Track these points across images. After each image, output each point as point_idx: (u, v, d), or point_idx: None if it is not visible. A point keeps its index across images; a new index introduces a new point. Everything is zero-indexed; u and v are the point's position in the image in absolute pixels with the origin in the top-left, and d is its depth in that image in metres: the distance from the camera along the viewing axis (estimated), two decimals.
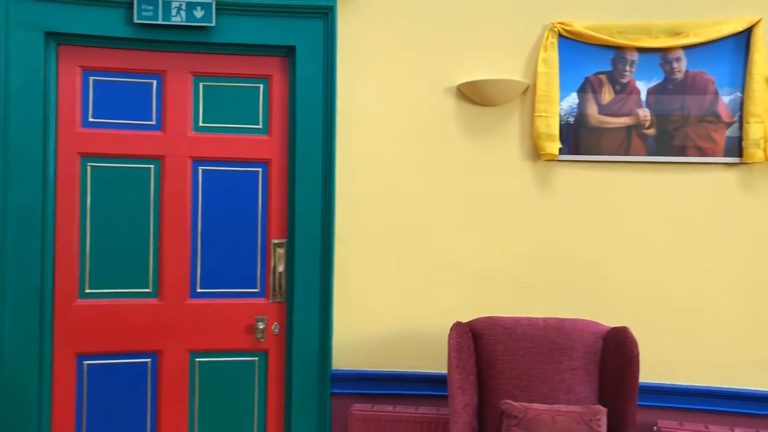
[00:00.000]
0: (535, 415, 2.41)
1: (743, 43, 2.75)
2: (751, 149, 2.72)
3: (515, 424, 2.42)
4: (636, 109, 2.85)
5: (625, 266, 2.88)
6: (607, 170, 2.89)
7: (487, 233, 2.96)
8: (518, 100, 2.93)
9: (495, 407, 2.55)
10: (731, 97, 2.77)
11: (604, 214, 2.90)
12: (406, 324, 2.98)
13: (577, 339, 2.59)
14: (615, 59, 2.86)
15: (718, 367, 2.81)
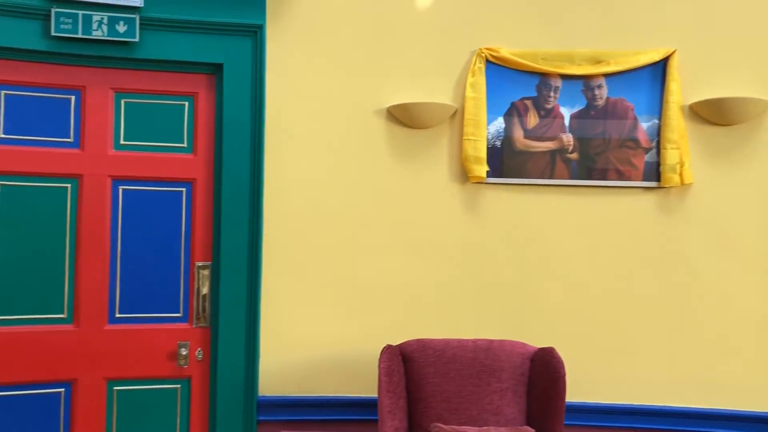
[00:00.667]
0: None
1: (660, 73, 2.87)
2: (668, 174, 2.83)
3: None
4: (560, 133, 2.93)
5: (552, 287, 2.93)
6: (533, 193, 2.95)
7: (417, 255, 2.96)
8: (447, 123, 2.96)
9: (425, 431, 2.53)
10: (649, 124, 2.89)
11: (530, 236, 2.95)
12: (336, 347, 2.93)
13: (506, 360, 2.61)
14: (540, 85, 2.94)
15: (641, 385, 2.88)
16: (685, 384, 2.86)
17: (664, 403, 2.87)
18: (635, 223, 2.90)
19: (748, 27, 2.83)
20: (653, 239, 2.89)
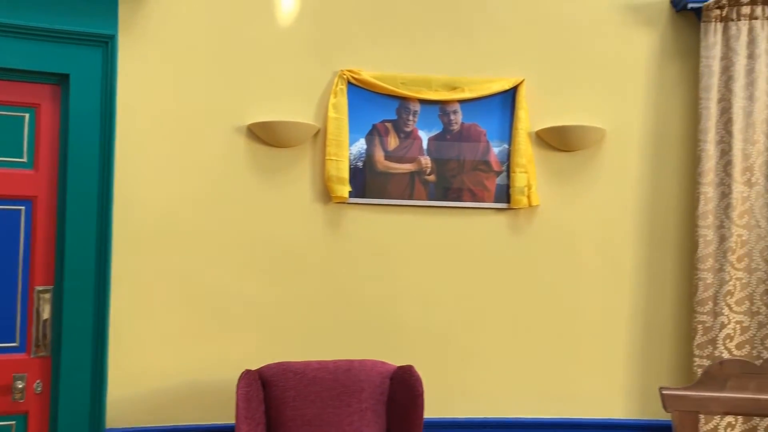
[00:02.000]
0: None
1: (510, 100, 3.03)
2: (517, 196, 2.98)
3: None
4: (419, 156, 3.01)
5: (411, 305, 2.99)
6: (394, 213, 3.00)
7: (279, 276, 2.92)
8: (310, 143, 2.96)
9: None
10: (500, 149, 3.04)
11: (390, 256, 2.99)
12: (192, 374, 2.82)
13: (366, 380, 2.62)
14: (399, 108, 3.01)
15: (496, 398, 2.99)
16: (537, 395, 3.00)
17: (518, 414, 2.99)
18: (488, 242, 3.03)
19: (589, 61, 3.06)
20: (505, 257, 3.03)
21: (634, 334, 3.02)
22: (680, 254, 3.02)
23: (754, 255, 2.89)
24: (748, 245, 2.89)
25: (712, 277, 2.88)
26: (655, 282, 3.03)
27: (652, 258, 3.03)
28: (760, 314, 2.87)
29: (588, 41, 3.07)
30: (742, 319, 2.87)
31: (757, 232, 2.90)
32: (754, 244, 2.89)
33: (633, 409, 3.01)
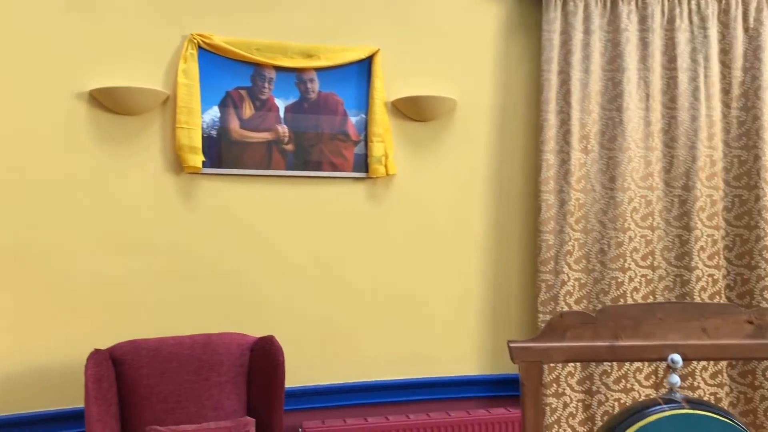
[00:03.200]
0: None
1: (366, 70, 3.05)
2: (375, 165, 3.03)
3: None
4: (275, 125, 2.96)
5: (270, 277, 2.96)
6: (251, 184, 2.95)
7: (129, 250, 2.78)
8: (159, 111, 2.82)
9: None
10: (358, 118, 3.06)
11: (248, 227, 2.94)
12: (36, 358, 2.64)
13: (225, 353, 2.57)
14: (254, 75, 2.94)
15: (357, 364, 3.05)
16: (396, 358, 3.09)
17: (378, 378, 3.07)
18: (347, 211, 3.06)
19: (440, 33, 3.14)
20: (363, 226, 3.08)
21: (484, 296, 3.19)
22: (525, 218, 3.21)
23: (590, 217, 3.13)
24: (584, 208, 3.13)
25: (553, 238, 3.09)
26: (503, 245, 3.20)
27: (500, 222, 3.20)
28: (595, 271, 3.13)
29: (440, 13, 3.15)
30: (580, 276, 3.11)
31: (592, 196, 3.14)
32: (590, 207, 3.14)
33: (485, 365, 3.18)
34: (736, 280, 3.18)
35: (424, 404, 3.09)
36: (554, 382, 3.05)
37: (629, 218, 3.11)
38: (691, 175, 3.13)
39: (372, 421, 2.94)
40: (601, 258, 3.12)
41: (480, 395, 3.15)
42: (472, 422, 2.99)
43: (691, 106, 3.15)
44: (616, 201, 3.10)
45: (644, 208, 3.14)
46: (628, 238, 3.10)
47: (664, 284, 3.15)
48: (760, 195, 3.11)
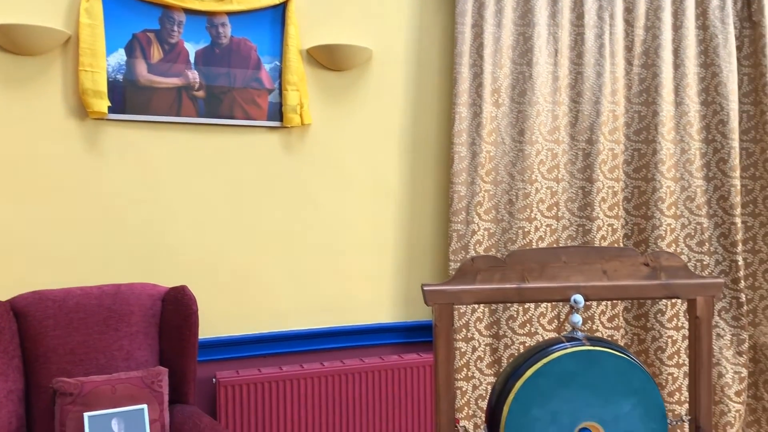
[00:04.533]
0: (92, 388, 2.26)
1: (280, 16, 2.99)
2: (290, 114, 2.99)
3: (71, 401, 2.23)
4: (185, 70, 2.87)
5: (181, 226, 2.90)
6: (160, 131, 2.85)
7: (30, 198, 2.64)
8: (60, 52, 2.67)
9: (47, 388, 2.31)
10: (272, 66, 3.00)
11: (158, 176, 2.85)
12: None
13: (135, 303, 2.51)
14: (163, 18, 2.82)
15: (272, 314, 3.05)
16: (312, 307, 3.12)
17: (294, 327, 3.09)
18: (262, 161, 3.02)
19: None
20: (278, 176, 3.05)
21: (399, 245, 3.25)
22: (438, 170, 3.28)
23: (499, 169, 3.23)
24: (495, 160, 3.22)
25: (465, 189, 3.17)
26: (417, 195, 3.26)
27: (414, 173, 3.25)
28: (503, 221, 3.24)
29: None
30: (490, 226, 3.22)
31: (502, 149, 3.23)
32: (500, 160, 3.23)
33: (399, 313, 3.26)
34: (633, 229, 3.38)
35: (339, 352, 3.15)
36: (464, 327, 3.16)
37: (536, 170, 3.23)
38: (595, 129, 3.27)
39: (287, 369, 2.96)
40: (510, 209, 3.24)
41: (393, 342, 3.23)
42: (386, 368, 3.07)
43: (596, 62, 3.28)
44: (525, 154, 3.21)
45: (550, 160, 3.26)
46: (534, 189, 3.23)
47: (568, 234, 3.31)
48: (657, 149, 3.29)
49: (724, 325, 3.36)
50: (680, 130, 3.34)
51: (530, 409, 2.10)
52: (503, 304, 3.16)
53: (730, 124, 3.30)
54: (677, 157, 3.34)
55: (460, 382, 3.14)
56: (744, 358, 3.33)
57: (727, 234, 3.33)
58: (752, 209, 3.37)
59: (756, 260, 3.36)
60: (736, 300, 3.34)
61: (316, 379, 2.97)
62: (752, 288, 3.37)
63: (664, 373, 3.29)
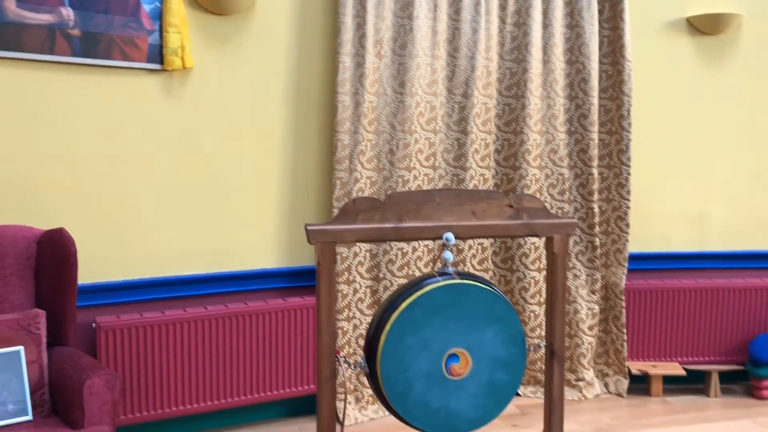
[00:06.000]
0: None
1: None
2: (171, 57, 2.94)
3: None
4: (59, 6, 2.74)
5: (56, 168, 2.81)
6: (31, 69, 2.73)
7: None
8: None
9: None
10: (152, 6, 2.93)
11: (28, 116, 2.74)
12: None
13: (9, 246, 2.44)
14: None
15: (153, 259, 3.04)
16: (196, 253, 3.13)
17: (178, 273, 3.09)
18: (141, 104, 2.96)
19: None
20: (159, 120, 3.01)
21: (282, 192, 3.31)
22: (322, 118, 3.35)
23: (381, 119, 3.35)
24: (377, 111, 3.33)
25: (348, 138, 3.27)
26: (300, 143, 3.32)
27: (298, 121, 3.31)
28: (384, 170, 3.38)
29: None
30: (372, 175, 3.35)
31: (384, 99, 3.35)
32: (382, 110, 3.35)
33: (282, 258, 3.34)
34: (502, 179, 3.62)
35: (223, 297, 3.19)
36: (345, 270, 3.30)
37: (416, 122, 3.38)
38: (470, 84, 3.46)
39: (169, 314, 2.98)
40: (390, 158, 3.38)
41: (278, 286, 3.31)
42: (269, 310, 3.15)
43: (473, 19, 3.44)
44: (405, 105, 3.34)
45: (429, 112, 3.42)
46: (414, 140, 3.38)
47: (444, 183, 3.50)
48: (526, 104, 3.53)
49: (580, 267, 3.70)
50: (547, 87, 3.59)
51: (404, 337, 2.27)
52: (382, 246, 3.33)
53: (590, 83, 3.59)
54: (543, 112, 3.60)
55: (341, 322, 3.29)
56: (597, 297, 3.70)
57: (585, 184, 3.65)
58: (608, 162, 3.71)
59: (609, 208, 3.71)
60: (591, 244, 3.68)
61: (200, 323, 3.01)
62: (605, 233, 3.72)
63: (527, 311, 3.60)
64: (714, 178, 3.83)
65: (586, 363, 3.67)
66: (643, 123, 3.73)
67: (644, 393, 3.68)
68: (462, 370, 2.35)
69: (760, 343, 3.61)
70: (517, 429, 3.21)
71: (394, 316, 2.27)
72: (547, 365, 2.58)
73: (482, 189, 3.46)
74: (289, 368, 3.21)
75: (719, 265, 3.85)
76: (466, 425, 2.38)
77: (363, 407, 3.35)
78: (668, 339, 3.75)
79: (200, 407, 3.04)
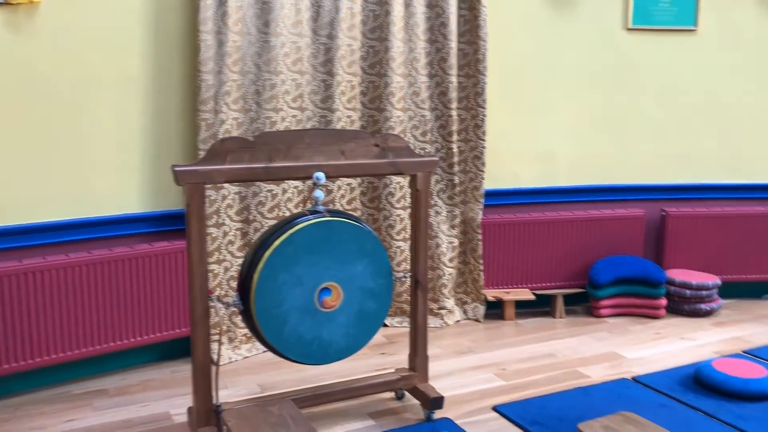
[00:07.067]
0: None
1: None
2: None
3: None
4: None
5: None
6: None
7: None
8: None
9: None
10: None
11: None
12: None
13: None
14: None
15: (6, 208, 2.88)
16: (55, 199, 3.00)
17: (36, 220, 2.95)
18: None
19: None
20: (4, 59, 2.81)
21: (145, 134, 3.21)
22: (185, 58, 3.26)
23: (246, 59, 3.32)
24: (241, 50, 3.29)
25: (212, 78, 3.22)
26: (163, 84, 3.22)
27: (159, 60, 3.19)
28: (251, 111, 3.37)
29: None
30: (238, 116, 3.33)
31: (248, 39, 3.31)
32: (247, 50, 3.31)
33: (147, 202, 3.26)
34: (368, 121, 3.72)
35: (87, 243, 3.09)
36: (214, 213, 3.29)
37: (281, 62, 3.37)
38: (335, 25, 3.49)
39: (27, 262, 2.86)
40: (257, 99, 3.36)
41: (144, 231, 3.25)
42: (135, 256, 3.10)
43: None
44: (270, 45, 3.33)
45: (294, 53, 3.42)
46: (280, 80, 3.38)
47: (311, 124, 3.55)
48: (389, 47, 3.62)
49: (441, 204, 3.92)
50: (408, 31, 3.69)
51: (278, 274, 2.35)
52: (252, 188, 3.35)
53: (449, 27, 3.73)
54: (406, 55, 3.71)
55: (212, 265, 3.30)
56: (456, 231, 3.95)
57: (446, 125, 3.83)
58: (465, 104, 3.90)
59: (467, 148, 3.93)
60: (450, 182, 3.90)
61: (62, 271, 2.91)
62: (464, 172, 3.95)
63: (393, 247, 3.78)
64: (560, 120, 4.16)
65: (447, 293, 3.93)
66: (498, 67, 3.96)
67: (499, 317, 4.02)
68: (334, 302, 2.47)
69: (599, 268, 4.04)
70: (385, 356, 3.42)
71: (267, 254, 2.34)
72: (412, 294, 2.76)
73: (350, 129, 3.53)
74: (159, 313, 3.19)
75: (564, 199, 4.22)
76: (339, 353, 2.53)
77: (237, 346, 3.41)
78: (520, 268, 4.09)
79: (69, 356, 2.97)
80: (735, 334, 3.77)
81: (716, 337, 3.71)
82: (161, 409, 2.83)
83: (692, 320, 4.01)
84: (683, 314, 4.09)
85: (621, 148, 4.26)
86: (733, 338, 3.70)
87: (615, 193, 4.29)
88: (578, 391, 2.99)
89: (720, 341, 3.66)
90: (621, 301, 4.07)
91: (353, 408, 2.81)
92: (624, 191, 4.29)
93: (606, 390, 3.01)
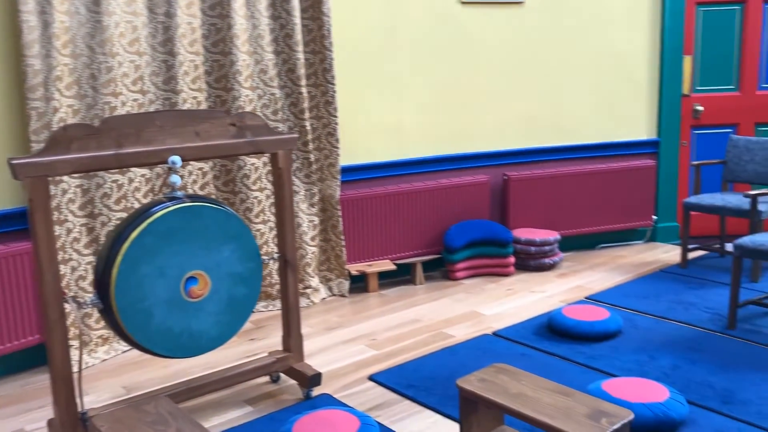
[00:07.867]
0: None
1: None
2: None
3: None
4: None
5: None
6: None
7: None
8: None
9: None
10: None
11: None
12: None
13: None
14: None
15: None
16: None
17: None
18: None
19: None
20: None
21: None
22: (6, 42, 2.94)
23: (77, 41, 3.06)
24: (71, 31, 3.03)
25: (40, 63, 2.94)
26: None
27: None
28: (87, 97, 3.12)
29: None
30: (73, 103, 3.07)
31: (78, 19, 3.05)
32: (77, 31, 3.06)
33: None
34: (216, 101, 3.59)
35: None
36: (55, 210, 3.03)
37: (117, 43, 3.15)
38: (172, 2, 3.31)
39: None
40: (93, 83, 3.13)
41: None
42: None
43: None
44: (103, 25, 3.09)
45: (131, 33, 3.21)
46: (117, 63, 3.16)
47: (155, 107, 3.36)
48: (231, 24, 3.50)
49: (298, 183, 3.88)
50: (250, 7, 3.59)
51: (139, 267, 2.22)
52: (95, 179, 3.13)
53: (292, 2, 3.67)
54: (250, 32, 3.61)
55: None
56: (315, 209, 3.94)
57: (296, 103, 3.79)
58: (314, 80, 3.88)
59: (320, 125, 3.92)
60: (307, 160, 3.87)
61: None
62: (318, 149, 3.94)
63: (253, 230, 3.70)
64: (407, 93, 4.26)
65: (311, 271, 3.92)
66: (344, 42, 3.96)
67: (363, 290, 4.08)
68: (201, 291, 2.38)
69: (452, 233, 4.22)
70: (255, 341, 3.36)
71: (124, 247, 2.20)
72: (281, 274, 2.73)
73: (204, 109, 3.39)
74: (6, 321, 2.90)
75: (416, 171, 4.34)
76: (210, 343, 2.44)
77: (93, 350, 3.19)
78: (380, 240, 4.17)
79: None
80: (577, 283, 4.11)
81: (561, 288, 4.03)
82: (15, 426, 2.59)
83: (538, 274, 4.31)
84: (530, 269, 4.39)
85: (464, 117, 4.45)
86: (576, 287, 4.03)
87: (462, 161, 4.48)
88: (446, 351, 3.12)
89: (565, 291, 3.97)
90: (474, 263, 4.29)
91: (229, 397, 2.74)
92: (470, 159, 4.50)
93: (471, 347, 3.16)
